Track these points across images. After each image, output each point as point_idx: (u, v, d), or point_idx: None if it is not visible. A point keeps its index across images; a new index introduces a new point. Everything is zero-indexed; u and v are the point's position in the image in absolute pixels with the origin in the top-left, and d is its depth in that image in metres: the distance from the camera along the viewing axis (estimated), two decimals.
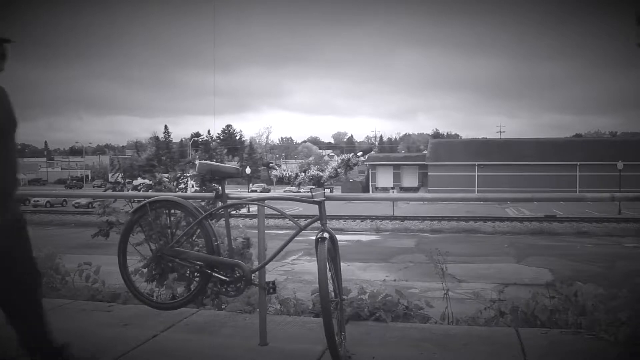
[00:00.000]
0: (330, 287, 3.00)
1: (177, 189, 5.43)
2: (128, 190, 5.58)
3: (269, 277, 3.46)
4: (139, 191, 5.26)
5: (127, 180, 5.81)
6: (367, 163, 55.71)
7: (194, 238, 4.08)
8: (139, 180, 5.67)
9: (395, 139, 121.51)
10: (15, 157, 2.78)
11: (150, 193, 4.67)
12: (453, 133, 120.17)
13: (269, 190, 50.59)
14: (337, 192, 45.04)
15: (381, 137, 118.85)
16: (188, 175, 6.28)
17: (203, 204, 4.12)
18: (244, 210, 6.95)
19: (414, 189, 56.09)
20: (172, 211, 3.68)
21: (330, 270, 3.02)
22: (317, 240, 2.96)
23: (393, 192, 52.36)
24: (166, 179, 5.42)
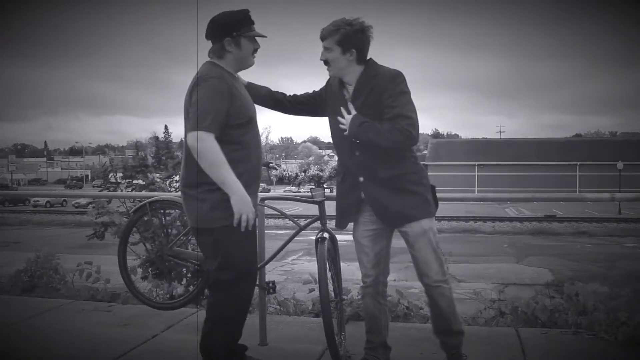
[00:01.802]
0: (330, 287, 3.00)
1: (170, 189, 5.42)
2: (122, 191, 5.57)
3: (268, 277, 3.47)
4: (132, 191, 5.25)
5: (126, 180, 5.80)
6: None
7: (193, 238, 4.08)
8: (135, 181, 5.66)
9: None
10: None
11: (148, 193, 4.67)
12: (453, 133, 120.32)
13: (269, 190, 50.60)
14: None
15: None
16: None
17: None
18: None
19: None
20: (172, 211, 3.67)
21: (330, 270, 3.02)
22: (317, 240, 2.96)
23: None
24: (159, 179, 5.40)
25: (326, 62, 2.77)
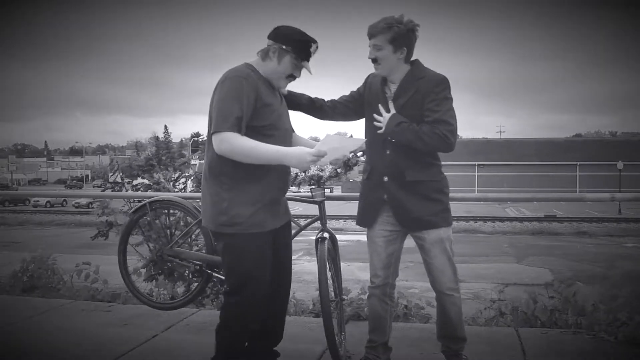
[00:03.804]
0: (330, 287, 3.00)
1: (175, 189, 5.42)
2: (127, 190, 5.57)
3: None
4: (138, 191, 5.25)
5: (126, 180, 5.79)
6: (365, 157, 55.57)
7: (193, 238, 4.08)
8: (138, 180, 5.66)
9: None
10: None
11: (150, 193, 4.67)
12: None
13: None
14: (337, 192, 44.98)
15: None
16: (187, 175, 6.27)
17: None
18: None
19: None
20: (172, 211, 3.68)
21: (330, 270, 3.02)
22: (317, 240, 2.96)
23: None
24: (164, 179, 5.40)
25: (375, 60, 2.73)
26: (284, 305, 2.96)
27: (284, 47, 2.56)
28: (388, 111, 2.73)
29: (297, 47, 2.57)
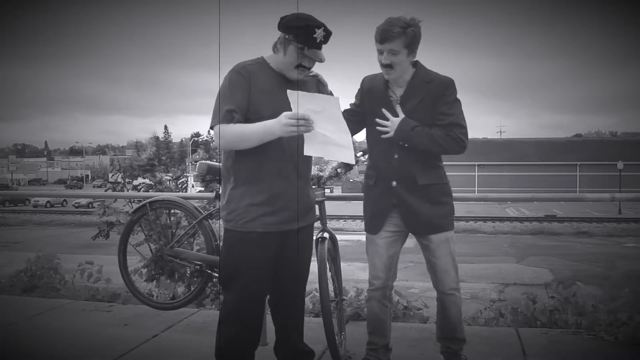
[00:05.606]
0: (330, 287, 3.00)
1: (177, 189, 5.41)
2: (128, 191, 5.56)
3: None
4: (139, 191, 5.24)
5: (127, 180, 5.79)
6: (367, 163, 55.49)
7: (194, 238, 4.08)
8: (139, 180, 5.65)
9: None
10: None
11: (150, 193, 4.67)
12: None
13: None
14: (337, 192, 44.96)
15: None
16: (189, 175, 6.26)
17: (205, 204, 4.12)
18: None
19: None
20: (173, 211, 3.68)
21: (330, 270, 3.01)
22: (317, 240, 2.95)
23: None
24: (167, 178, 5.40)
25: (389, 65, 2.63)
26: (293, 312, 2.88)
27: (286, 36, 2.47)
28: (395, 115, 2.68)
29: (298, 34, 2.43)
